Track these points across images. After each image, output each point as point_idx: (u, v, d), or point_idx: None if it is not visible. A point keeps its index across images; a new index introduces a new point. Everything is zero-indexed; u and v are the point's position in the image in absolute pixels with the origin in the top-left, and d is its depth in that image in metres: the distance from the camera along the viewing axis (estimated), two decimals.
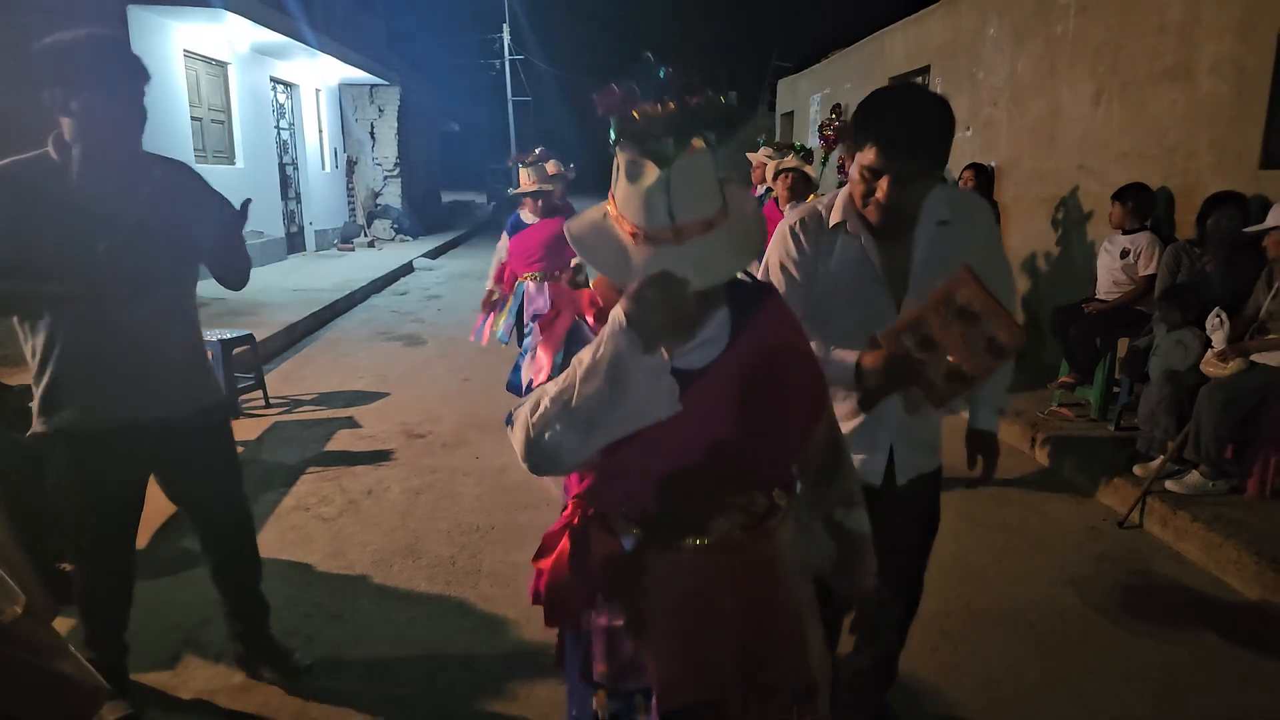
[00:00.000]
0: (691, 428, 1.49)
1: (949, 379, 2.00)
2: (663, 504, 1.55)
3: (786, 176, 5.41)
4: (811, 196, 5.63)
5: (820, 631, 1.77)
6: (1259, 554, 3.53)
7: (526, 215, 5.51)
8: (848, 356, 2.05)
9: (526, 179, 5.42)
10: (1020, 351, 2.03)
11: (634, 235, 1.41)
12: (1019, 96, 7.38)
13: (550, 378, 1.49)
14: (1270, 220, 4.17)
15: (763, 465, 1.61)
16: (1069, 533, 4.11)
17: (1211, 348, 4.26)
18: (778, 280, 2.21)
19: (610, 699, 1.64)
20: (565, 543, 1.59)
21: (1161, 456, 4.27)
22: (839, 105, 12.28)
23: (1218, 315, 4.27)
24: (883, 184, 1.99)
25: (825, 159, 11.98)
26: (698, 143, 1.40)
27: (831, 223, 2.17)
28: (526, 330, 5.43)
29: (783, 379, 1.59)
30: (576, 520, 1.59)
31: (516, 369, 5.31)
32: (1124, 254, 5.37)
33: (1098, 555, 3.87)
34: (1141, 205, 5.34)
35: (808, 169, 5.54)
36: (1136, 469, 4.41)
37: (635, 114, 1.39)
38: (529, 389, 2.00)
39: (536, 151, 5.58)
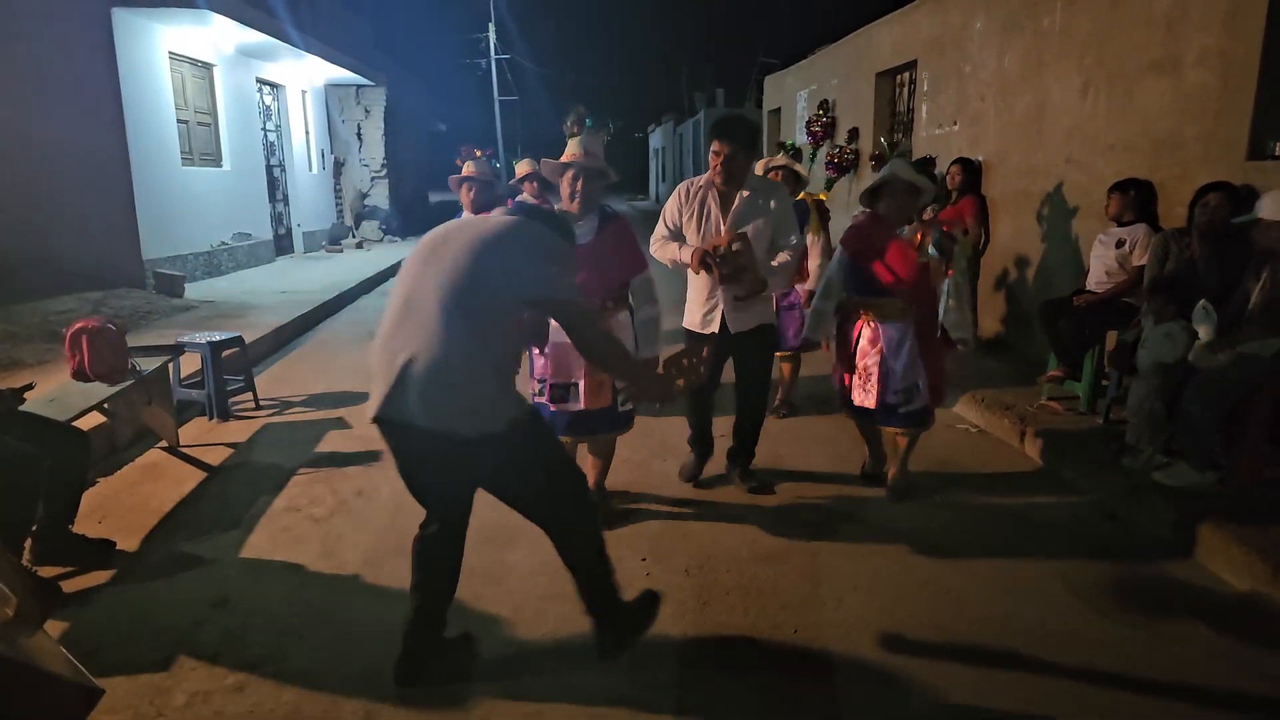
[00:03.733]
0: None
1: (723, 278, 4.01)
2: None
3: (776, 174, 5.47)
4: (802, 194, 5.72)
5: (635, 364, 3.21)
6: (1248, 545, 3.55)
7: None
8: (684, 254, 4.11)
9: (469, 169, 5.47)
10: (742, 270, 3.96)
11: (569, 158, 3.72)
12: (1006, 90, 7.41)
13: None
14: (1257, 211, 4.19)
15: (600, 289, 3.73)
16: (1058, 526, 4.12)
17: (1199, 340, 4.28)
18: (664, 217, 4.30)
19: (541, 383, 3.91)
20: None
21: (1150, 449, 4.29)
22: (826, 101, 12.29)
23: (1204, 307, 4.29)
24: (719, 160, 4.03)
25: (814, 154, 12.04)
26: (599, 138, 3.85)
27: (697, 187, 4.22)
28: None
29: (617, 256, 3.83)
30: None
31: None
32: (1119, 244, 5.37)
33: (1087, 548, 3.89)
34: (1142, 198, 5.36)
35: (798, 167, 5.64)
36: (1125, 461, 4.43)
37: (574, 126, 3.84)
38: None
39: (482, 152, 5.67)
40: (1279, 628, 3.19)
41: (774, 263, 4.15)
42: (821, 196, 6.57)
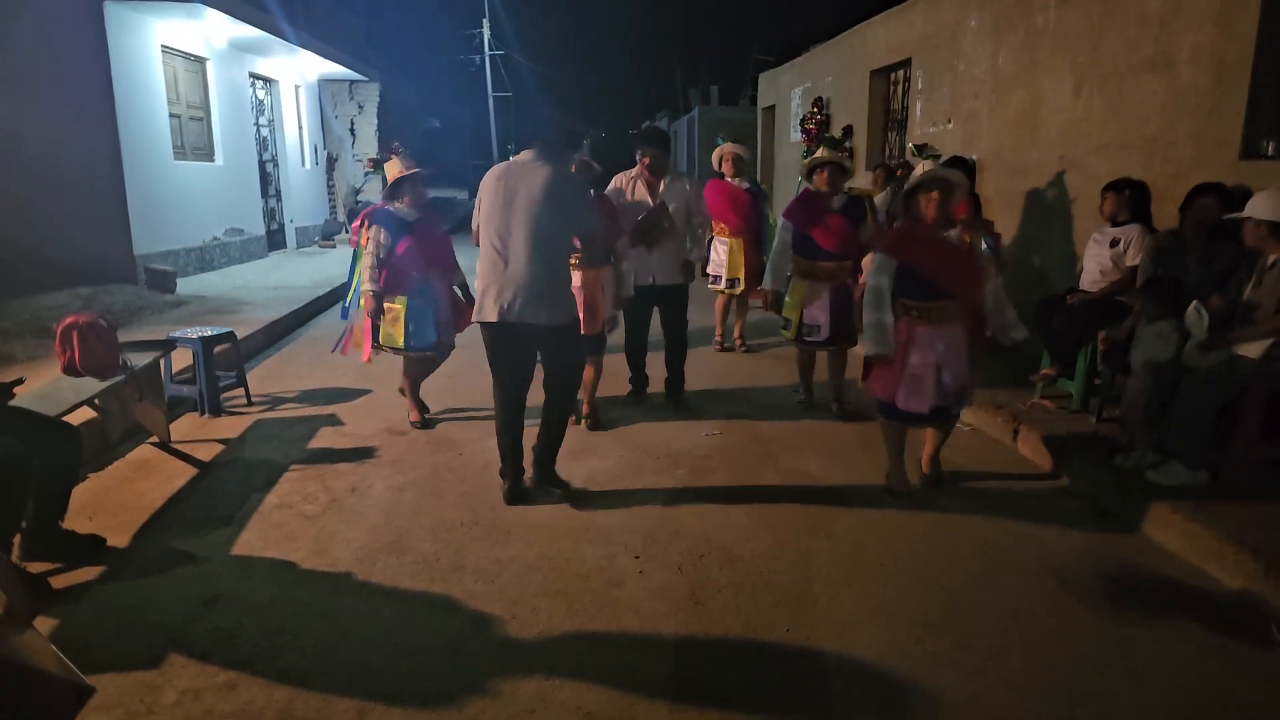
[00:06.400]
0: None
1: (650, 240, 5.63)
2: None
3: (823, 172, 5.50)
4: (855, 190, 5.89)
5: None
6: (1239, 543, 3.56)
7: (400, 207, 5.39)
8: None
9: (398, 168, 5.34)
10: (661, 227, 5.62)
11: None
12: (1000, 88, 7.41)
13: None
14: (1248, 210, 4.19)
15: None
16: (1051, 523, 4.13)
17: (1191, 339, 4.29)
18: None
19: None
20: None
21: (1142, 447, 4.30)
22: (821, 99, 12.30)
23: (1197, 308, 4.30)
24: (645, 160, 5.61)
25: (807, 152, 12.03)
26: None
27: (630, 179, 5.69)
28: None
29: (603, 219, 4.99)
30: None
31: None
32: (1114, 243, 5.38)
33: (1080, 546, 3.90)
34: (1136, 198, 5.36)
35: (844, 161, 5.63)
36: (1118, 460, 4.44)
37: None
38: None
39: (395, 144, 5.62)
40: (1271, 625, 3.20)
41: (696, 237, 5.94)
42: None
